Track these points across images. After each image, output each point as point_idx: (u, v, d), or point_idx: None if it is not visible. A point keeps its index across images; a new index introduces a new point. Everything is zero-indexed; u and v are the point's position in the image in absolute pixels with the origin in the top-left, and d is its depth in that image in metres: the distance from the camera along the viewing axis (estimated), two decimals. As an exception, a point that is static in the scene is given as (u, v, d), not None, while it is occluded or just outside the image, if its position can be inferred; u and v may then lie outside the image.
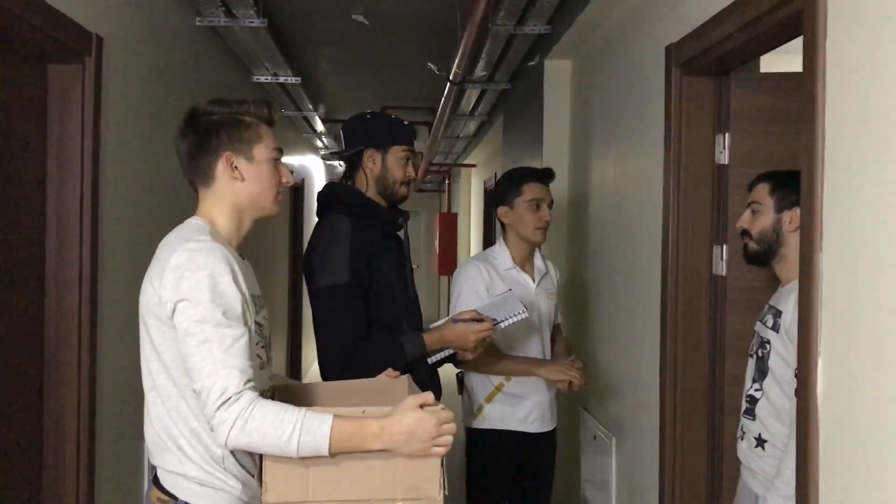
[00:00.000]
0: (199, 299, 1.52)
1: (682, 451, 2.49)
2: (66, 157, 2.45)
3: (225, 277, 1.56)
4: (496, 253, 2.87)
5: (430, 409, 1.57)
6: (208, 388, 1.49)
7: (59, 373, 2.43)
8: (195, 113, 1.71)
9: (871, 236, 1.45)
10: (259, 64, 4.89)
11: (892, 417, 1.39)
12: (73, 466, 2.44)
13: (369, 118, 2.53)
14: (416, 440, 1.54)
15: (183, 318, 1.53)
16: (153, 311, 1.58)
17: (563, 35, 3.69)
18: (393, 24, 4.69)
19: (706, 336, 2.47)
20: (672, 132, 2.50)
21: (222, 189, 1.69)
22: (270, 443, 1.49)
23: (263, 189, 1.71)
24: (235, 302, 1.56)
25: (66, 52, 2.38)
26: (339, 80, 6.57)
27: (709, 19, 2.18)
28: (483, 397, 2.80)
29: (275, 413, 1.49)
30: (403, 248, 2.50)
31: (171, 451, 1.61)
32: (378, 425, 1.53)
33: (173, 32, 3.52)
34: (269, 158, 1.71)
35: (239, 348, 1.52)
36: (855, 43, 1.53)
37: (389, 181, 2.43)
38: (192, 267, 1.54)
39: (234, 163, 1.68)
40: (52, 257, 2.43)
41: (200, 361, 1.51)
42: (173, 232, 1.68)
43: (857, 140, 1.51)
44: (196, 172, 1.70)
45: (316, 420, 1.50)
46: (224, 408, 1.48)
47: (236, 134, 1.68)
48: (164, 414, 1.61)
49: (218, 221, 1.69)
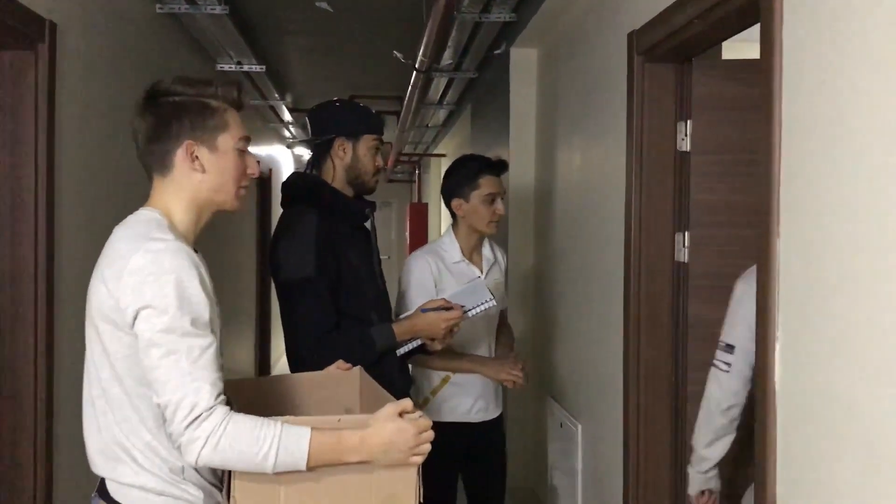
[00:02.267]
0: (164, 307, 1.40)
1: (645, 438, 2.50)
2: (20, 145, 2.40)
3: (193, 282, 1.44)
4: (445, 245, 2.82)
5: (409, 417, 1.52)
6: (175, 402, 1.38)
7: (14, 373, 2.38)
8: (157, 91, 1.55)
9: (828, 222, 1.46)
10: (222, 52, 4.82)
11: (848, 402, 1.40)
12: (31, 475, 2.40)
13: (339, 106, 2.49)
14: (395, 451, 1.49)
15: (146, 328, 1.40)
16: (108, 316, 1.46)
17: (529, 23, 3.68)
18: (358, 12, 4.65)
19: (669, 323, 2.48)
20: (634, 119, 2.50)
21: (180, 180, 1.55)
22: (246, 461, 1.40)
23: (225, 183, 1.58)
24: (204, 309, 1.44)
25: (17, 39, 2.33)
26: (306, 68, 6.51)
27: (670, 6, 2.18)
28: (429, 390, 2.79)
29: (250, 430, 1.40)
30: (371, 240, 2.47)
31: (123, 461, 1.49)
32: (357, 438, 1.46)
33: (132, 19, 3.45)
34: (235, 148, 1.58)
35: (207, 359, 1.42)
36: (810, 30, 1.53)
37: (360, 171, 2.39)
38: (156, 271, 1.41)
39: (194, 152, 1.54)
40: (5, 248, 2.38)
41: (166, 374, 1.39)
42: (127, 225, 1.53)
43: (813, 126, 1.52)
44: (152, 157, 1.56)
45: (294, 436, 1.41)
46: (195, 426, 1.38)
47: (200, 120, 1.54)
48: (112, 423, 1.50)
49: (175, 214, 1.55)
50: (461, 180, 2.80)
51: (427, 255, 2.79)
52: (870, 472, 1.33)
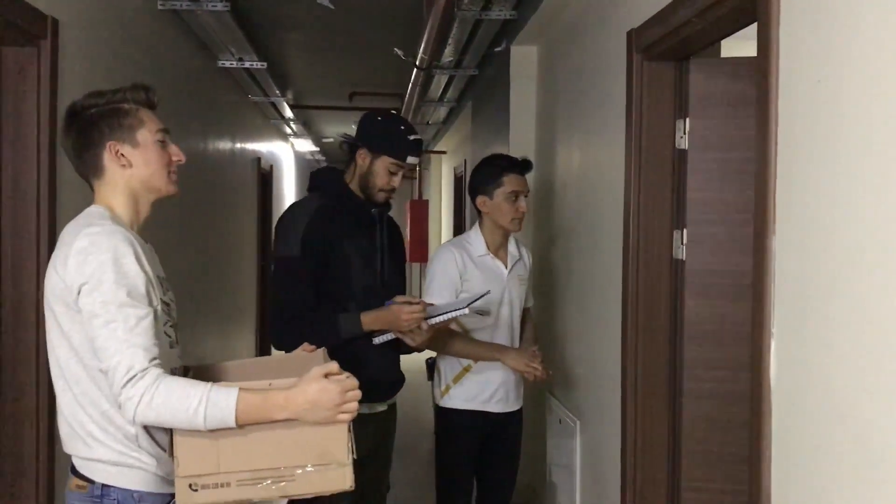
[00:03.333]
0: (102, 280, 1.55)
1: (642, 435, 2.52)
2: (22, 140, 2.42)
3: (128, 258, 1.58)
4: (471, 239, 2.92)
5: (335, 378, 1.62)
6: (114, 366, 1.52)
7: (16, 366, 2.40)
8: (74, 109, 1.71)
9: (823, 220, 1.47)
10: (224, 49, 4.84)
11: (841, 397, 1.41)
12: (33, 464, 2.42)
13: (379, 120, 2.60)
14: (320, 408, 1.59)
15: (88, 301, 1.55)
16: (60, 297, 1.60)
17: (529, 20, 3.69)
18: (359, 9, 4.67)
19: (667, 320, 2.49)
20: (633, 117, 2.51)
21: (113, 177, 1.70)
22: (178, 417, 1.53)
23: (154, 171, 1.72)
24: (139, 281, 1.58)
25: (20, 35, 2.34)
26: (307, 65, 6.52)
27: (668, 5, 2.19)
28: (451, 378, 2.87)
29: (181, 388, 1.53)
30: (376, 238, 2.57)
31: (80, 437, 1.63)
32: (283, 396, 1.58)
33: (134, 16, 3.47)
34: (155, 140, 1.73)
35: (143, 328, 1.55)
36: (807, 29, 1.54)
37: (370, 183, 2.53)
38: (94, 250, 1.56)
39: (118, 150, 1.69)
40: (7, 243, 2.40)
41: (106, 342, 1.53)
42: (74, 220, 1.68)
43: (810, 125, 1.53)
44: (85, 166, 1.71)
45: (222, 393, 1.54)
46: (130, 385, 1.51)
47: (115, 122, 1.69)
48: (72, 401, 1.63)
49: (116, 208, 1.70)
50: (486, 178, 2.88)
51: (453, 248, 2.89)
52: (863, 468, 1.35)
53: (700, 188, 2.37)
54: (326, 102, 7.71)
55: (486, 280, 2.83)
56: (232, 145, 6.02)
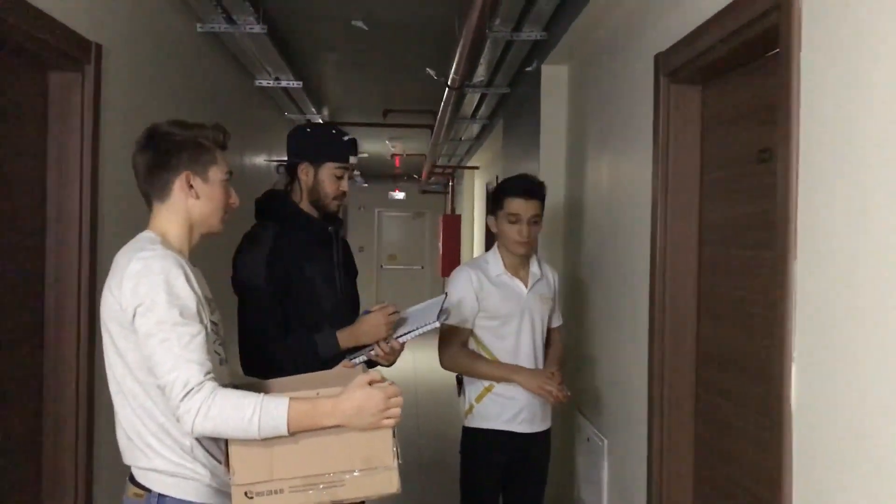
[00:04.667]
0: (156, 301, 1.63)
1: (668, 456, 2.52)
2: (66, 162, 2.50)
3: (179, 280, 1.67)
4: (488, 259, 2.95)
5: (378, 385, 1.71)
6: (171, 381, 1.60)
7: (57, 374, 2.48)
8: (157, 131, 1.80)
9: (845, 246, 1.49)
10: (261, 69, 4.95)
11: (863, 420, 1.43)
12: (72, 469, 2.49)
13: (308, 132, 2.61)
14: (366, 414, 1.67)
15: (143, 322, 1.64)
16: (115, 318, 1.69)
17: (559, 41, 3.74)
18: (392, 30, 4.75)
19: (693, 342, 2.50)
20: (660, 138, 2.54)
21: (176, 204, 1.80)
22: (233, 426, 1.61)
23: (214, 208, 1.84)
24: (190, 301, 1.67)
25: (65, 61, 2.43)
26: (341, 84, 6.63)
27: (693, 30, 2.22)
28: (474, 397, 2.88)
29: (235, 398, 1.62)
30: (333, 256, 2.57)
31: (139, 449, 1.71)
32: (330, 403, 1.67)
33: (174, 39, 3.57)
34: (222, 180, 1.84)
35: (197, 344, 1.64)
36: (828, 55, 1.57)
37: (321, 195, 2.51)
38: (147, 273, 1.65)
39: (191, 181, 1.79)
40: (51, 262, 2.49)
41: (162, 359, 1.62)
42: (127, 245, 1.78)
43: (831, 150, 1.55)
44: (152, 186, 1.80)
45: (274, 402, 1.63)
46: (188, 398, 1.59)
47: (195, 154, 1.80)
48: (131, 414, 1.71)
49: (170, 234, 1.80)
50: (494, 199, 2.92)
51: (470, 270, 2.91)
52: (884, 495, 1.36)
53: (715, 208, 2.38)
54: (361, 119, 7.81)
55: (504, 299, 2.85)
56: (269, 162, 6.13)
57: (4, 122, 2.26)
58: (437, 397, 2.58)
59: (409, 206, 14.90)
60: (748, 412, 2.12)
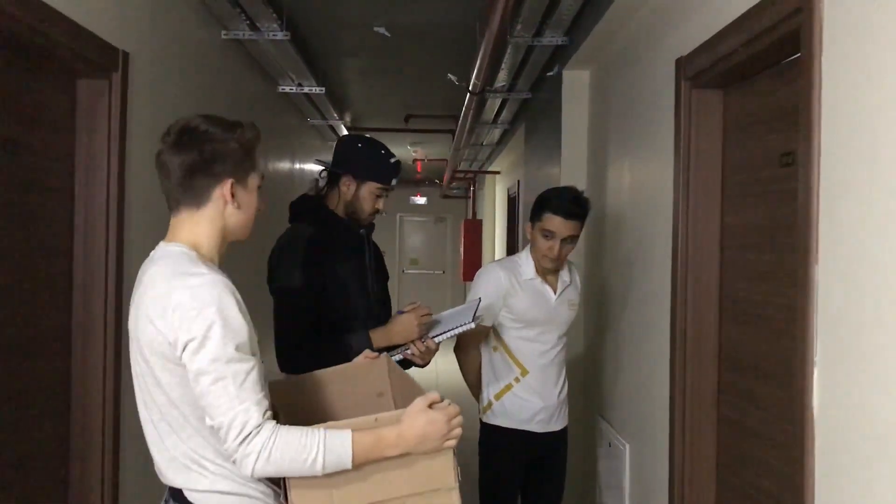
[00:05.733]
0: (209, 337, 1.51)
1: (690, 461, 2.51)
2: (94, 168, 2.54)
3: (232, 310, 1.54)
4: (521, 261, 2.94)
5: (439, 406, 1.65)
6: (227, 424, 1.50)
7: (85, 378, 2.52)
8: (195, 130, 1.63)
9: (867, 250, 1.49)
10: (284, 75, 4.99)
11: (885, 426, 1.42)
12: (99, 471, 2.52)
13: (360, 147, 2.64)
14: (429, 440, 1.62)
15: (195, 359, 1.51)
16: (158, 351, 1.56)
17: (581, 46, 3.74)
18: (414, 36, 4.77)
19: (714, 348, 2.49)
20: (682, 143, 2.53)
21: (213, 212, 1.66)
22: (297, 468, 1.53)
23: (250, 217, 1.72)
24: (244, 332, 1.55)
25: (93, 68, 2.47)
26: (363, 89, 6.67)
27: (714, 34, 2.22)
28: (493, 394, 2.92)
29: (297, 439, 1.52)
30: (365, 259, 2.62)
31: (196, 472, 1.61)
32: (395, 434, 1.60)
33: (199, 46, 3.62)
34: (258, 186, 1.72)
35: (252, 381, 1.53)
36: (849, 59, 1.56)
37: (357, 209, 2.57)
38: (197, 305, 1.52)
39: (233, 189, 1.65)
40: (79, 266, 2.52)
41: (217, 399, 1.51)
42: (158, 263, 1.62)
43: (853, 154, 1.54)
44: (188, 191, 1.64)
45: (337, 439, 1.54)
46: (246, 442, 1.50)
47: (240, 160, 1.66)
48: (179, 442, 1.61)
49: (202, 244, 1.65)
50: (534, 208, 2.90)
51: (500, 269, 2.91)
52: (904, 498, 1.35)
53: (735, 211, 2.38)
54: (383, 125, 7.85)
55: (532, 304, 2.87)
56: (291, 166, 6.17)
57: (34, 129, 2.30)
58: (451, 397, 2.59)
59: (431, 210, 14.93)
60: (770, 416, 2.11)
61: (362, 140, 2.67)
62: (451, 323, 2.51)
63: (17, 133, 2.22)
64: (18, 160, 2.23)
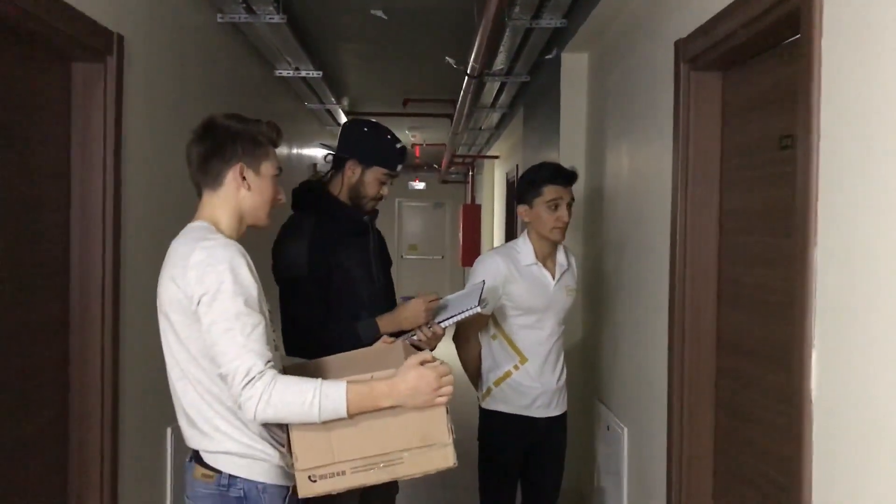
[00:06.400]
0: (220, 290, 1.68)
1: (688, 444, 2.52)
2: (89, 153, 2.52)
3: (243, 268, 1.73)
4: (519, 247, 2.93)
5: (430, 364, 1.78)
6: (234, 370, 1.66)
7: (83, 364, 2.52)
8: (214, 122, 1.87)
9: (866, 234, 1.48)
10: (281, 59, 4.96)
11: (883, 409, 1.42)
12: (97, 457, 2.53)
13: (366, 131, 2.63)
14: (420, 393, 1.74)
15: (207, 310, 1.69)
16: (179, 308, 1.74)
17: (579, 29, 3.72)
18: (411, 19, 4.74)
19: (712, 331, 2.49)
20: (681, 125, 2.52)
21: (227, 194, 1.87)
22: (294, 411, 1.67)
23: (263, 202, 1.90)
24: (253, 290, 1.73)
25: (88, 52, 2.45)
26: (361, 73, 6.64)
27: (713, 16, 2.20)
28: (493, 381, 2.92)
29: (295, 385, 1.68)
30: (370, 245, 2.62)
31: (206, 434, 1.77)
32: (386, 384, 1.74)
33: (195, 30, 3.59)
34: (273, 175, 1.90)
35: (258, 334, 1.70)
36: (849, 42, 1.55)
37: (361, 194, 2.57)
38: (212, 262, 1.70)
39: (244, 173, 1.85)
40: (75, 251, 2.51)
41: (225, 347, 1.67)
42: (182, 235, 1.83)
43: (852, 136, 1.54)
44: (204, 175, 1.87)
45: (332, 386, 1.69)
46: (249, 385, 1.65)
47: (251, 148, 1.86)
48: (197, 399, 1.77)
49: (221, 223, 1.86)
50: (527, 187, 2.91)
51: (498, 256, 2.91)
52: (901, 480, 1.35)
53: (736, 195, 2.37)
54: (381, 109, 7.82)
55: (530, 292, 2.86)
56: (289, 151, 6.15)
57: (29, 113, 2.29)
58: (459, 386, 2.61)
59: (429, 195, 14.91)
60: (768, 400, 2.11)
61: (368, 125, 2.66)
62: (456, 307, 2.50)
63: (11, 118, 2.20)
64: (13, 146, 2.21)
